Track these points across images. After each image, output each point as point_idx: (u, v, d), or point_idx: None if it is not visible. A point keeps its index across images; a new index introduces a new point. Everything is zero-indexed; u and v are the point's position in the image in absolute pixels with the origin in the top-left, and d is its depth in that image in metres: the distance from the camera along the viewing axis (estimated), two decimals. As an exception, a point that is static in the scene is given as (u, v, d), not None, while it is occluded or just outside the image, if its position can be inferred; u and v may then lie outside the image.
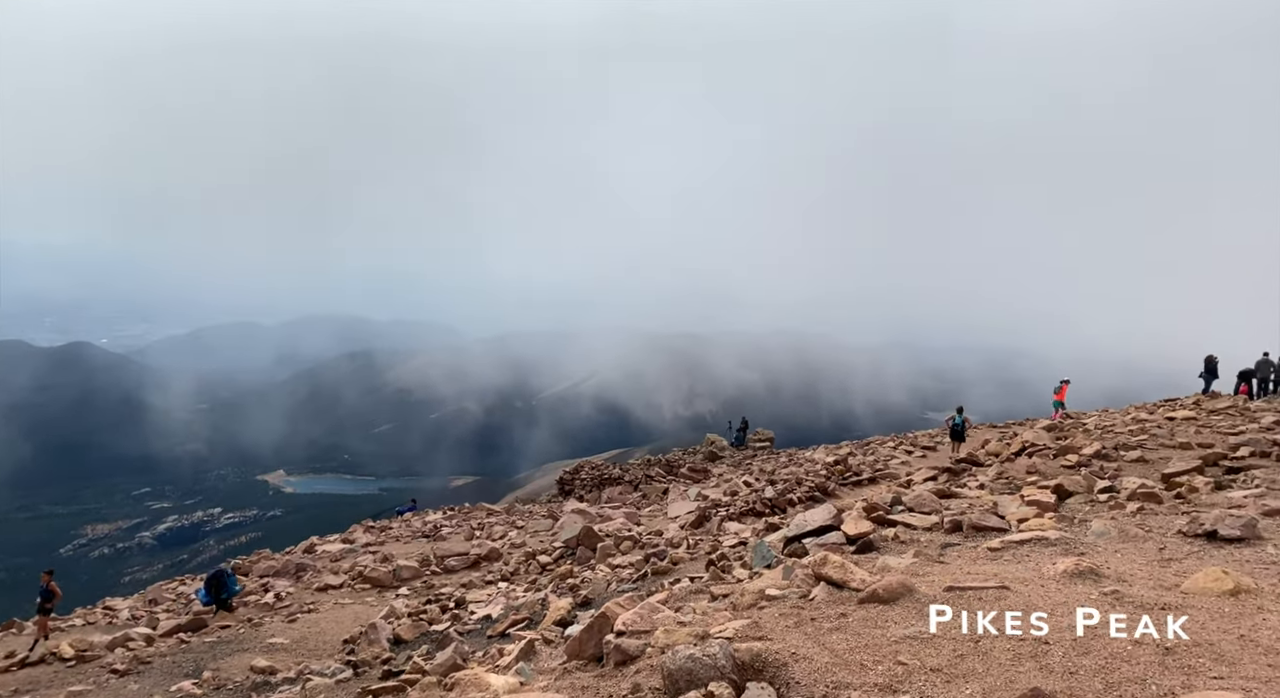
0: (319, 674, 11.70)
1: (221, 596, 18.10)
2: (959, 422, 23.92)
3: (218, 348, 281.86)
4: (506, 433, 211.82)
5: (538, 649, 8.00)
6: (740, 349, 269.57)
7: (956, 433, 23.88)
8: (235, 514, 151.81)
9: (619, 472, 35.15)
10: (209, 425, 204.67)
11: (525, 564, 19.32)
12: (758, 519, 17.74)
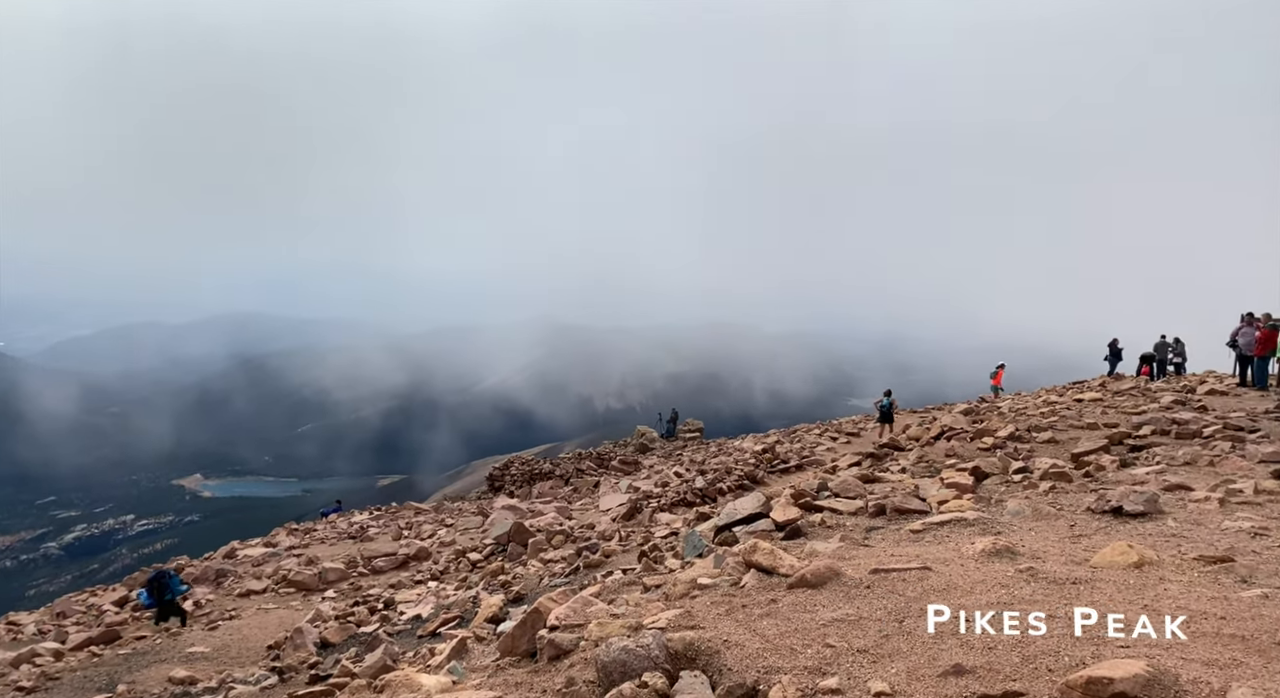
0: (242, 683, 11.34)
1: (165, 597, 16.99)
2: (887, 404, 24.70)
3: (127, 349, 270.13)
4: (434, 430, 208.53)
5: (470, 648, 7.91)
6: (668, 342, 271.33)
7: (885, 415, 24.67)
8: (149, 521, 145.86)
9: (549, 466, 35.02)
10: (119, 430, 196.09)
11: (455, 563, 19.08)
12: (689, 509, 17.89)
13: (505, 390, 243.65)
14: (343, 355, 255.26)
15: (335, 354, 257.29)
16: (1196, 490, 7.90)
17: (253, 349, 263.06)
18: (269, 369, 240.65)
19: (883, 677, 3.89)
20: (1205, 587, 4.91)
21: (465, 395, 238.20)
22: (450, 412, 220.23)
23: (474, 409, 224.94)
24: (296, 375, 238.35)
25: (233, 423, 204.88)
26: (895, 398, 25.23)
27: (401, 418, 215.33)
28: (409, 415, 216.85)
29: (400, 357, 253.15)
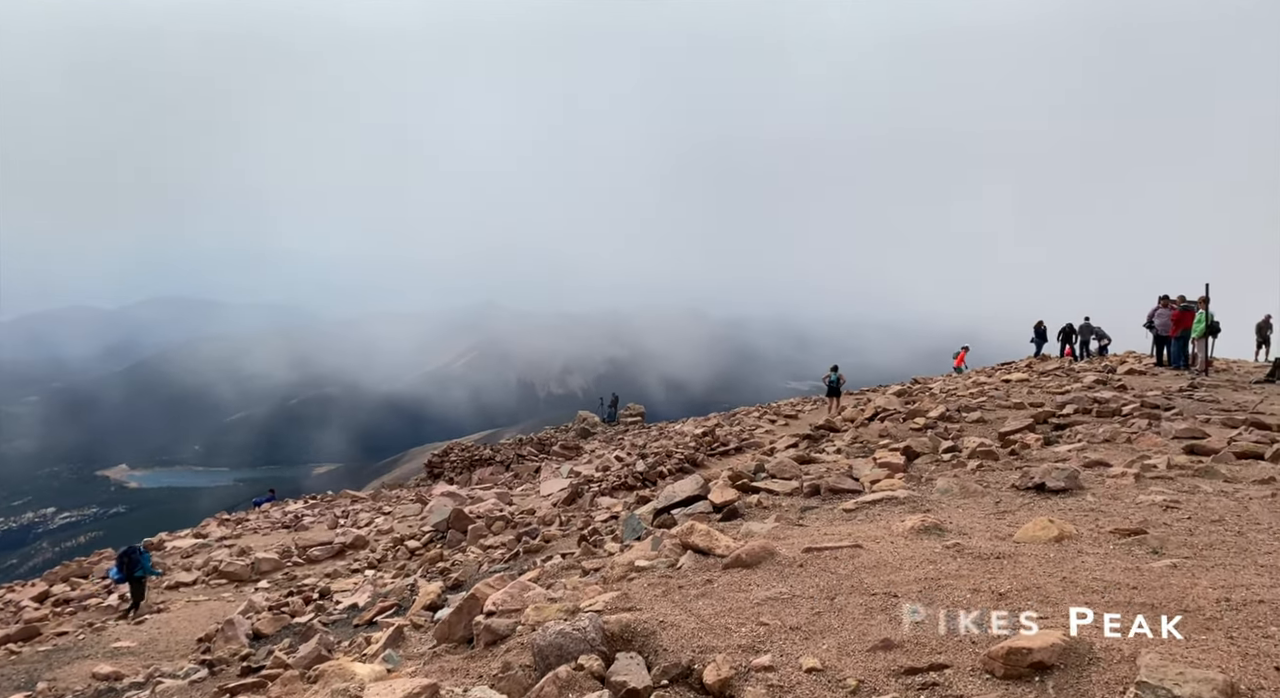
0: (170, 676, 11.03)
1: (135, 573, 16.71)
2: (835, 379, 25.40)
3: (49, 335, 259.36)
4: (371, 417, 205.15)
5: (406, 635, 7.83)
6: (610, 327, 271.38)
7: (833, 389, 25.41)
8: (72, 513, 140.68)
9: (490, 452, 34.77)
10: (38, 419, 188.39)
11: (393, 551, 18.83)
12: (629, 493, 17.96)
13: (445, 376, 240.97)
14: (275, 342, 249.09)
15: (267, 341, 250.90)
16: (1114, 466, 8.22)
17: (181, 336, 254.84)
18: (198, 357, 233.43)
19: (814, 653, 3.97)
20: (1119, 558, 5.11)
21: (403, 381, 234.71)
22: (387, 398, 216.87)
23: (412, 395, 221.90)
24: (227, 363, 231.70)
25: (160, 412, 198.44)
26: (843, 373, 25.90)
27: (337, 405, 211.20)
28: (345, 402, 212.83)
29: (335, 343, 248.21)
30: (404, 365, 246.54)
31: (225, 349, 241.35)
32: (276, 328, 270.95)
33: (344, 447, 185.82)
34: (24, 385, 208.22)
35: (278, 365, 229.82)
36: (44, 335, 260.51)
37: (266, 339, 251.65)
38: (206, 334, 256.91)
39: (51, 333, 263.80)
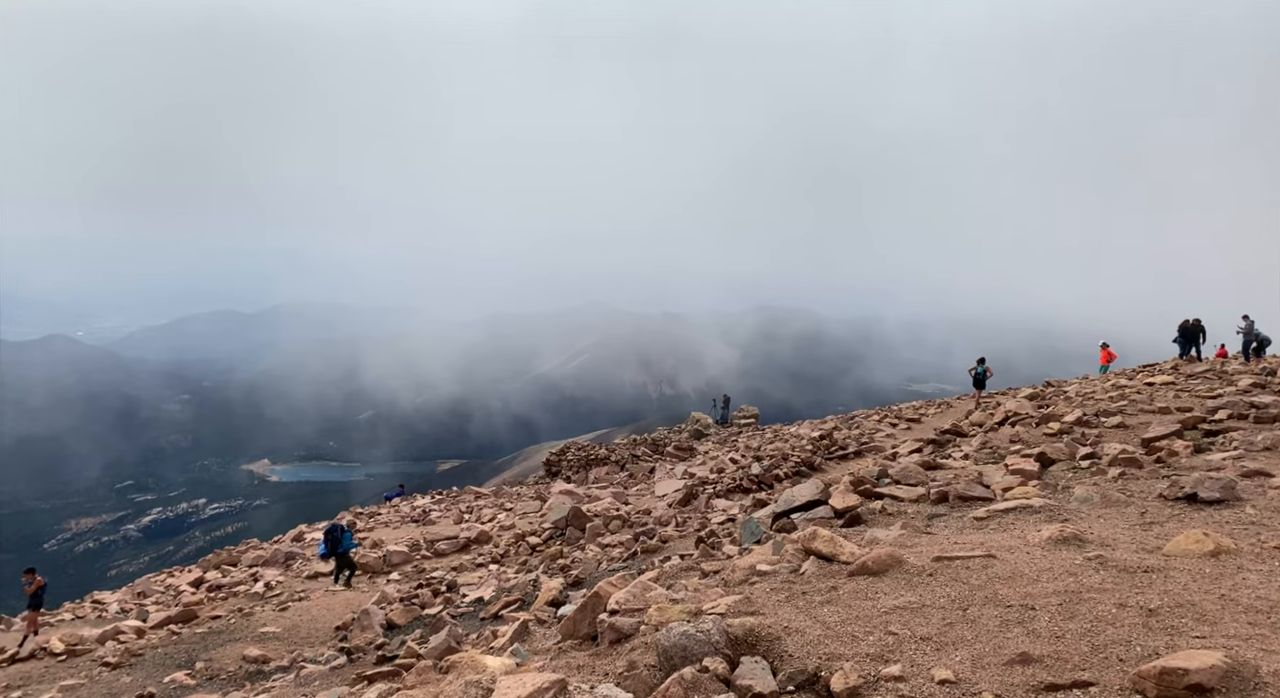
0: (312, 662, 11.71)
1: (339, 549, 18.66)
2: (980, 372, 24.79)
3: (198, 337, 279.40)
4: (490, 416, 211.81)
5: (531, 630, 8.05)
6: (720, 327, 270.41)
7: (979, 382, 24.85)
8: (220, 505, 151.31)
9: (605, 452, 35.25)
10: (191, 416, 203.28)
11: (515, 546, 19.38)
12: (745, 496, 17.86)
13: (559, 377, 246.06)
14: (402, 343, 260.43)
15: (395, 341, 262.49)
16: (1277, 477, 7.61)
17: (316, 338, 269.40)
18: (332, 356, 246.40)
19: (947, 664, 3.86)
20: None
21: (520, 382, 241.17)
22: (506, 398, 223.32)
23: (529, 395, 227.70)
24: (358, 362, 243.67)
25: (298, 409, 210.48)
26: (989, 366, 25.18)
27: (459, 404, 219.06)
28: (466, 401, 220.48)
29: (456, 344, 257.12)
30: (519, 366, 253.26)
31: (353, 350, 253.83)
32: (401, 330, 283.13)
33: (465, 444, 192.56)
34: (177, 385, 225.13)
35: (403, 366, 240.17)
36: (194, 338, 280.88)
37: (392, 340, 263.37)
38: (336, 336, 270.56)
39: (201, 336, 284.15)
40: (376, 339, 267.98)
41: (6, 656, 15.20)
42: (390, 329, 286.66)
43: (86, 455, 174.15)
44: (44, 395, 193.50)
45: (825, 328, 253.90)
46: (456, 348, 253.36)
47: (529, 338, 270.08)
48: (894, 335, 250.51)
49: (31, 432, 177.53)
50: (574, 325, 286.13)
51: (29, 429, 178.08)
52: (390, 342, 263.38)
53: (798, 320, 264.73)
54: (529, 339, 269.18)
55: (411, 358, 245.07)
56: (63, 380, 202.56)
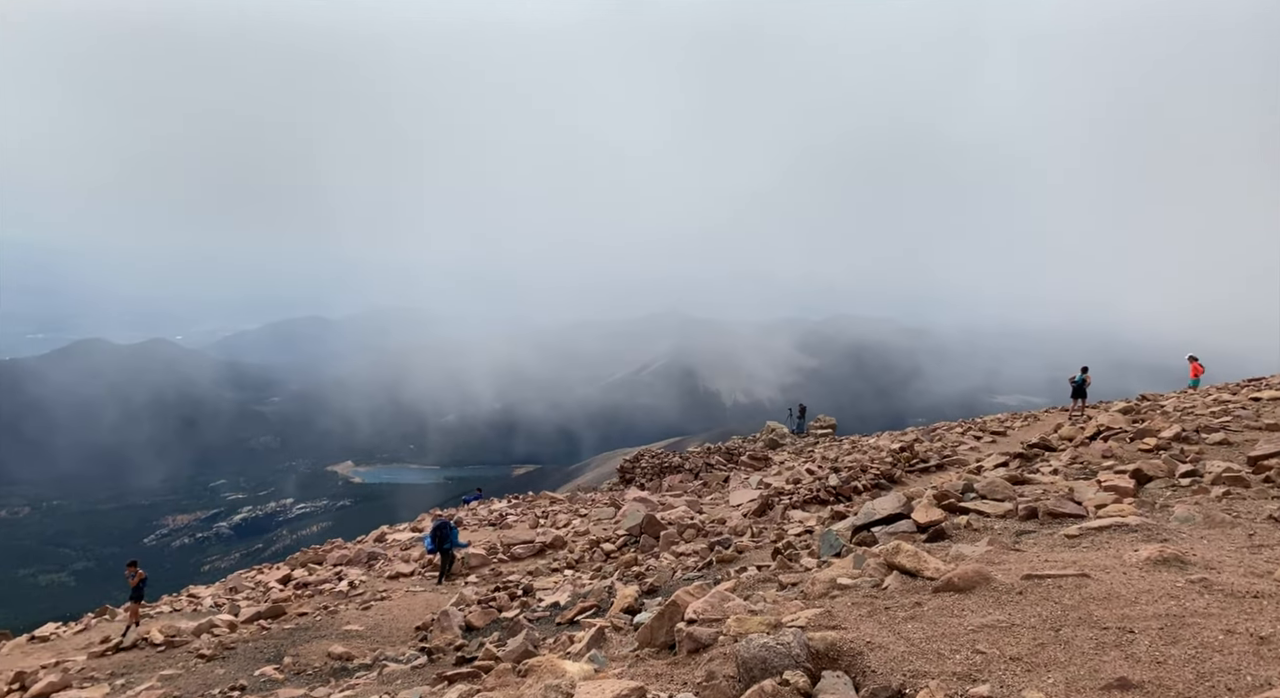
0: (394, 661, 12.01)
1: (445, 546, 19.62)
2: (1080, 379, 24.28)
3: (288, 342, 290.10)
4: (567, 421, 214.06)
5: (608, 637, 8.09)
6: (796, 335, 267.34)
7: (1079, 391, 24.30)
8: (307, 504, 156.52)
9: (679, 460, 35.18)
10: (280, 418, 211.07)
11: (590, 552, 19.50)
12: (822, 507, 17.60)
13: (634, 383, 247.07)
14: (479, 349, 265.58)
15: (472, 347, 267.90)
16: (1400, 500, 7.14)
17: (399, 343, 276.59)
18: (412, 361, 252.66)
19: (1038, 686, 3.74)
20: None
21: (595, 388, 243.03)
22: (581, 404, 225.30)
23: (604, 401, 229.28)
24: (437, 367, 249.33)
25: (380, 412, 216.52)
26: (1090, 375, 24.54)
27: (534, 409, 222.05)
28: (542, 407, 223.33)
29: (533, 351, 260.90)
30: (595, 373, 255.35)
31: (433, 355, 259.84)
32: (478, 336, 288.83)
33: (539, 449, 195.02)
34: (268, 387, 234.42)
35: (480, 371, 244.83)
36: (284, 343, 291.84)
37: (469, 346, 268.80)
38: (416, 342, 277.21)
39: (290, 340, 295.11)
40: (455, 345, 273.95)
41: (111, 644, 16.03)
42: (468, 336, 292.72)
43: (183, 454, 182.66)
44: (147, 397, 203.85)
45: (904, 338, 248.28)
46: (534, 354, 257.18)
47: (605, 345, 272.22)
48: (975, 345, 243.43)
49: (135, 431, 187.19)
50: (649, 333, 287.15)
51: (132, 428, 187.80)
52: (468, 348, 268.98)
53: (876, 329, 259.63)
54: (605, 346, 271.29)
55: (489, 364, 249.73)
56: (163, 382, 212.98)
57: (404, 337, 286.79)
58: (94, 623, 19.99)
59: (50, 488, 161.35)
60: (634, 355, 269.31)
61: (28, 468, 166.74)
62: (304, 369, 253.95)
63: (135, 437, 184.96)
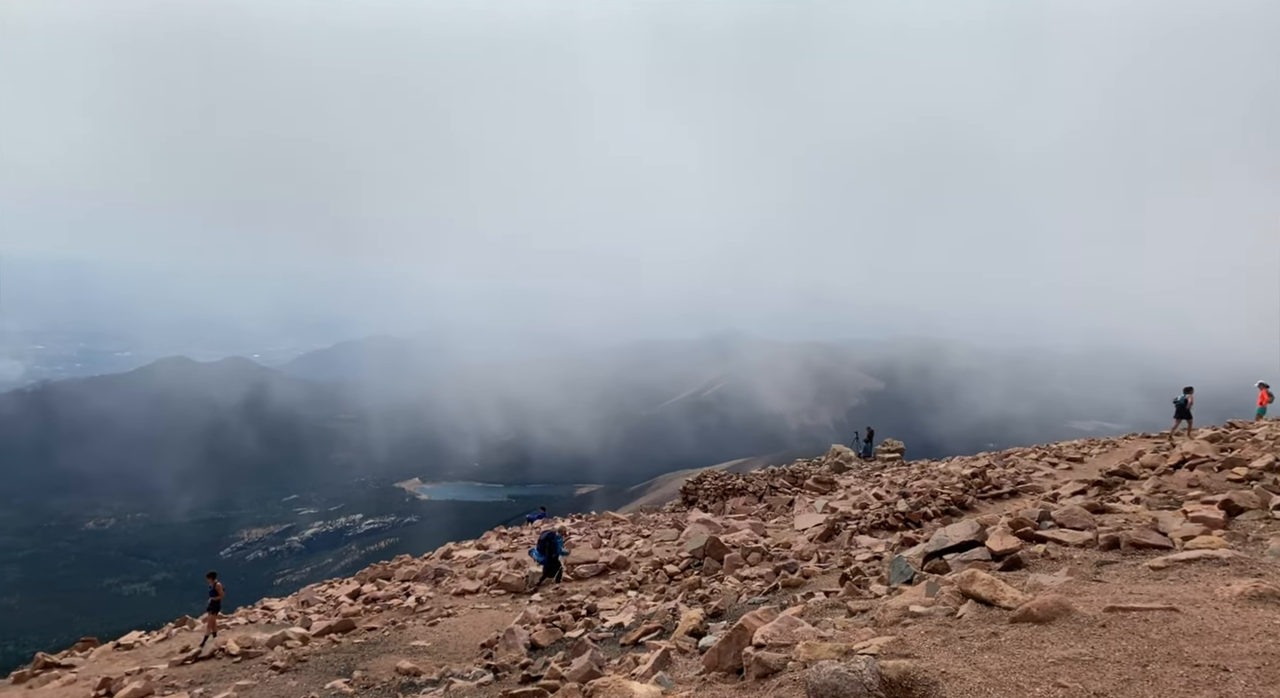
0: (461, 677, 12.14)
1: (552, 556, 20.57)
2: (1181, 400, 23.53)
3: (358, 360, 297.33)
4: (628, 441, 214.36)
5: (673, 659, 8.05)
6: (862, 357, 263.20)
7: (1182, 411, 23.91)
8: (375, 520, 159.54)
9: (742, 482, 34.88)
10: (351, 435, 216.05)
11: (653, 574, 19.44)
12: (891, 533, 17.25)
13: (695, 405, 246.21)
14: (542, 368, 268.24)
15: (534, 366, 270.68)
16: None
17: (461, 362, 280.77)
18: (477, 380, 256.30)
19: (1126, 725, 3.61)
20: None
21: (657, 408, 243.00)
22: (642, 424, 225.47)
23: (665, 422, 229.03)
24: (501, 386, 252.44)
25: (446, 430, 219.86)
26: (1193, 396, 23.68)
27: (596, 429, 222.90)
28: (603, 427, 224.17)
29: (595, 370, 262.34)
30: (657, 393, 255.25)
31: (496, 374, 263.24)
32: (542, 355, 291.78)
33: (601, 469, 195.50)
34: (339, 405, 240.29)
35: (542, 390, 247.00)
36: (355, 361, 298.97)
37: (533, 366, 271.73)
38: (480, 360, 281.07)
39: (360, 359, 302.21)
40: (517, 364, 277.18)
41: (191, 654, 16.59)
42: (530, 354, 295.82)
43: (259, 470, 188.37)
44: (225, 414, 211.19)
45: (974, 360, 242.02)
46: (595, 374, 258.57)
47: (667, 365, 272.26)
48: (1050, 368, 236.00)
49: (213, 446, 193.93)
50: (712, 353, 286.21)
51: (211, 444, 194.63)
52: (530, 366, 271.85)
53: (944, 351, 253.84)
54: (667, 366, 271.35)
55: (551, 383, 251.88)
56: (241, 400, 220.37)
57: (467, 355, 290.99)
58: (174, 632, 20.72)
59: (134, 500, 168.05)
60: (696, 376, 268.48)
61: (114, 481, 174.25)
62: (373, 387, 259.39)
63: (214, 452, 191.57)
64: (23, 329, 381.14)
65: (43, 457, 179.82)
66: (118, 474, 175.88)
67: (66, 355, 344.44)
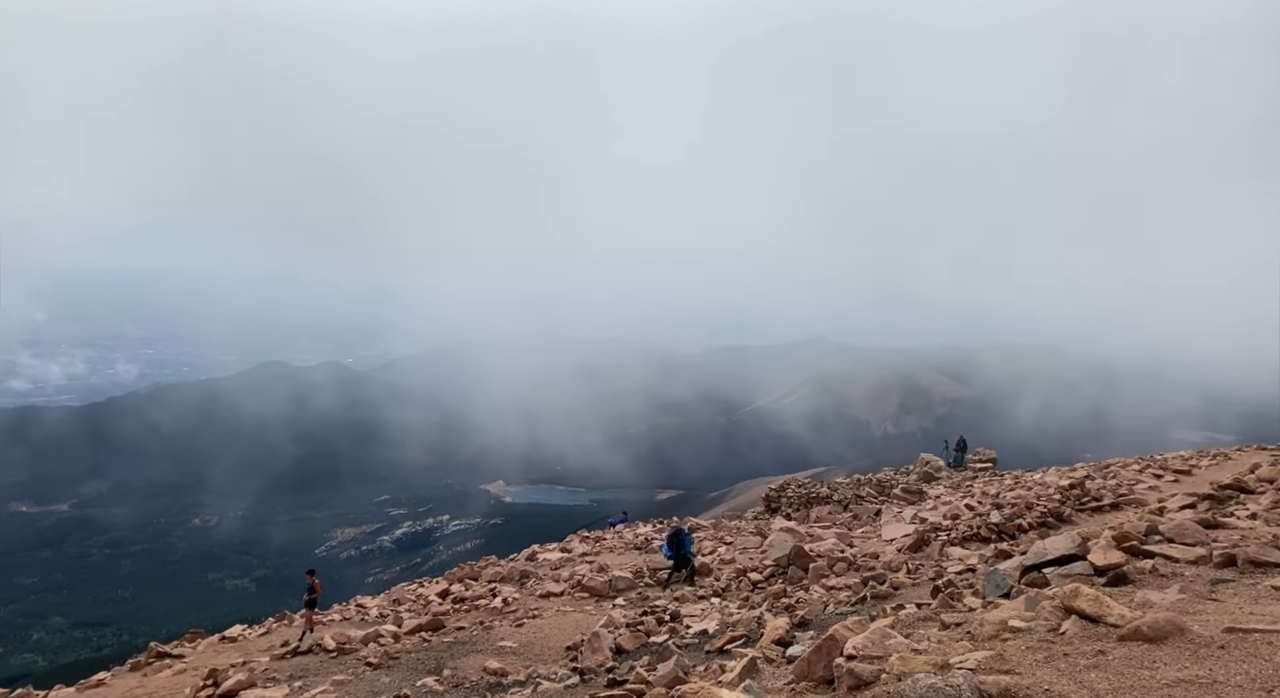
0: (547, 679, 12.30)
1: (681, 552, 20.83)
2: None
3: (446, 365, 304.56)
4: (709, 447, 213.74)
5: (760, 668, 7.99)
6: (951, 363, 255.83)
7: None
8: (461, 522, 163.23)
9: (827, 491, 34.36)
10: (439, 438, 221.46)
11: (736, 581, 19.32)
12: (984, 545, 16.72)
13: (778, 411, 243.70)
14: (624, 373, 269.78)
15: (616, 371, 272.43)
16: None
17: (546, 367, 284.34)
18: (558, 385, 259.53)
19: (1250, 753, 3.42)
20: None
21: (738, 414, 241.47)
22: (724, 430, 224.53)
23: (746, 428, 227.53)
24: (584, 392, 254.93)
25: (530, 433, 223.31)
26: None
27: (677, 435, 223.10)
28: (684, 433, 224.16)
29: (675, 375, 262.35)
30: (738, 399, 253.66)
31: (578, 379, 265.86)
32: (622, 360, 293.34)
33: (681, 474, 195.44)
34: (428, 408, 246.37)
35: (628, 395, 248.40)
36: (443, 365, 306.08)
37: (617, 371, 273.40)
38: (564, 365, 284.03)
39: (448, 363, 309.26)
40: (599, 369, 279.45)
41: (290, 648, 17.28)
42: (611, 360, 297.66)
43: (351, 471, 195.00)
44: (319, 416, 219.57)
45: (1071, 367, 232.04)
46: (675, 379, 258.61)
47: (749, 371, 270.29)
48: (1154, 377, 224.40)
49: (310, 447, 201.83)
50: (795, 359, 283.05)
51: (306, 445, 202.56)
52: (610, 372, 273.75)
53: (1040, 358, 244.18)
54: (749, 372, 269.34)
55: (631, 388, 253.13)
56: (336, 403, 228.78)
57: (549, 361, 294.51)
58: (275, 627, 21.61)
59: (237, 498, 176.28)
60: (777, 382, 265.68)
61: (218, 479, 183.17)
62: (457, 391, 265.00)
63: (310, 453, 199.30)
64: (139, 335, 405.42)
65: (155, 455, 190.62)
66: (222, 473, 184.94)
67: (174, 359, 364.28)
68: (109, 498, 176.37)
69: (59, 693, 17.88)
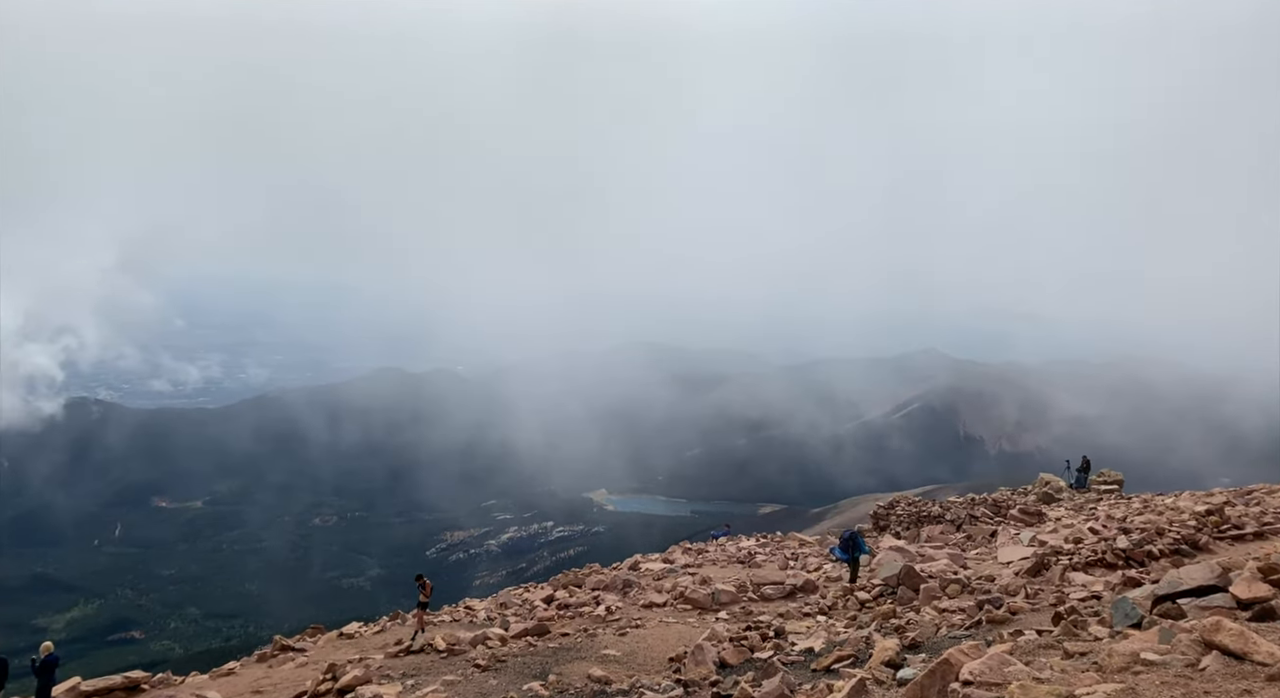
0: (650, 689, 12.34)
1: (854, 555, 21.08)
2: None
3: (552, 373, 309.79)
4: (814, 462, 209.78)
5: (869, 689, 7.82)
6: (1071, 379, 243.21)
7: None
8: (565, 529, 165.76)
9: (939, 509, 33.23)
10: (544, 444, 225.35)
11: (843, 599, 18.90)
12: (1110, 571, 15.83)
13: (885, 426, 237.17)
14: (728, 384, 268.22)
15: (720, 382, 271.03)
16: None
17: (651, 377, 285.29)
18: (662, 395, 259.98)
19: None
20: None
21: (844, 429, 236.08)
22: (829, 445, 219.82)
23: (853, 443, 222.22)
24: (688, 403, 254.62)
25: (633, 443, 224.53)
26: None
27: (781, 448, 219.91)
28: (788, 446, 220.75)
29: (785, 387, 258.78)
30: (844, 413, 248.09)
31: (683, 390, 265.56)
32: (729, 372, 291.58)
33: (785, 488, 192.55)
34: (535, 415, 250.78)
35: (729, 407, 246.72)
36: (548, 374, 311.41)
37: (719, 383, 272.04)
38: (669, 376, 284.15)
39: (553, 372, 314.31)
40: (706, 380, 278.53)
41: (403, 647, 17.95)
42: (719, 370, 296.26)
43: (460, 475, 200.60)
44: (431, 420, 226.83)
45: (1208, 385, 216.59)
46: (781, 390, 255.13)
47: (855, 384, 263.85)
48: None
49: (423, 452, 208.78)
50: (904, 373, 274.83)
51: (419, 449, 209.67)
52: (719, 383, 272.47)
53: (1172, 375, 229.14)
54: (856, 386, 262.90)
55: (735, 399, 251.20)
56: (446, 409, 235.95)
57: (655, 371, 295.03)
58: (389, 626, 22.47)
59: (354, 500, 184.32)
60: (888, 396, 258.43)
61: (338, 481, 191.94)
62: (565, 399, 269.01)
63: (423, 456, 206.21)
64: (270, 340, 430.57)
65: (280, 456, 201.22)
66: (340, 474, 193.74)
67: (299, 364, 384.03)
68: (239, 496, 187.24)
69: (194, 680, 19.08)
